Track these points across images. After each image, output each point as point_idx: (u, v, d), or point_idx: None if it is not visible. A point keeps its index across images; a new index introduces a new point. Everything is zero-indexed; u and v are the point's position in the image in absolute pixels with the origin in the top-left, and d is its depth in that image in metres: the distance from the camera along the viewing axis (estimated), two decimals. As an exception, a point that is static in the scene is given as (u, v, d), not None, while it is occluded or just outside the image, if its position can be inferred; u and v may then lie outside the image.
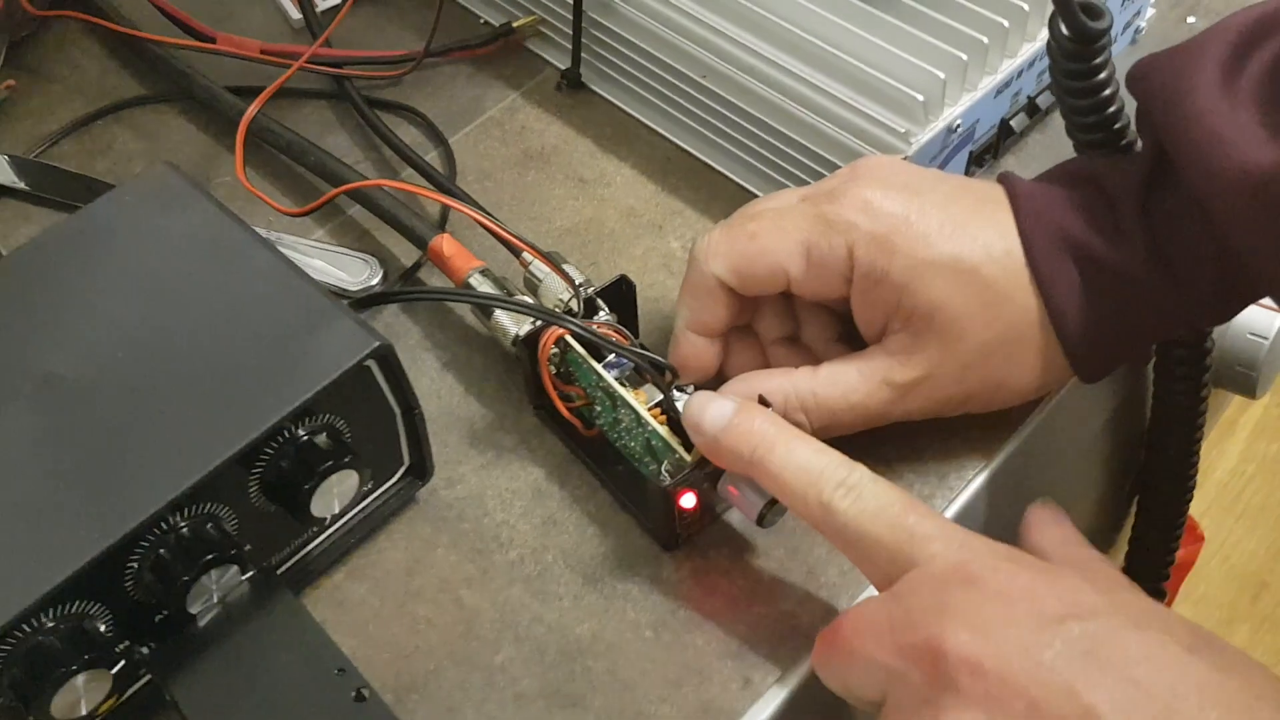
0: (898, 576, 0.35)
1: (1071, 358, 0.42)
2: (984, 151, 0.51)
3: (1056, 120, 0.53)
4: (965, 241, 0.40)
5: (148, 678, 0.38)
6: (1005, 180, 0.43)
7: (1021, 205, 0.41)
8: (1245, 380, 0.55)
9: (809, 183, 0.49)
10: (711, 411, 0.39)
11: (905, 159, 0.46)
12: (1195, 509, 0.58)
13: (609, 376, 0.43)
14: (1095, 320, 0.41)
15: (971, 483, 0.44)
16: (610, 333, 0.44)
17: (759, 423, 0.38)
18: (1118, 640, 0.32)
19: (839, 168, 0.46)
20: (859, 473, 0.37)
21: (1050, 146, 0.54)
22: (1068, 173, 0.43)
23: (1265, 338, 0.54)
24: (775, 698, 0.39)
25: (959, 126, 0.48)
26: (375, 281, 0.51)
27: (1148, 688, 0.30)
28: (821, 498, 0.36)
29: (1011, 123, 0.52)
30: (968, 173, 0.51)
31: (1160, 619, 0.33)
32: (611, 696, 0.39)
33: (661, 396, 0.43)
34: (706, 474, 0.41)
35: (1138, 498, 0.59)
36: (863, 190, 0.41)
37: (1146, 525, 0.59)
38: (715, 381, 0.44)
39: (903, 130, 0.46)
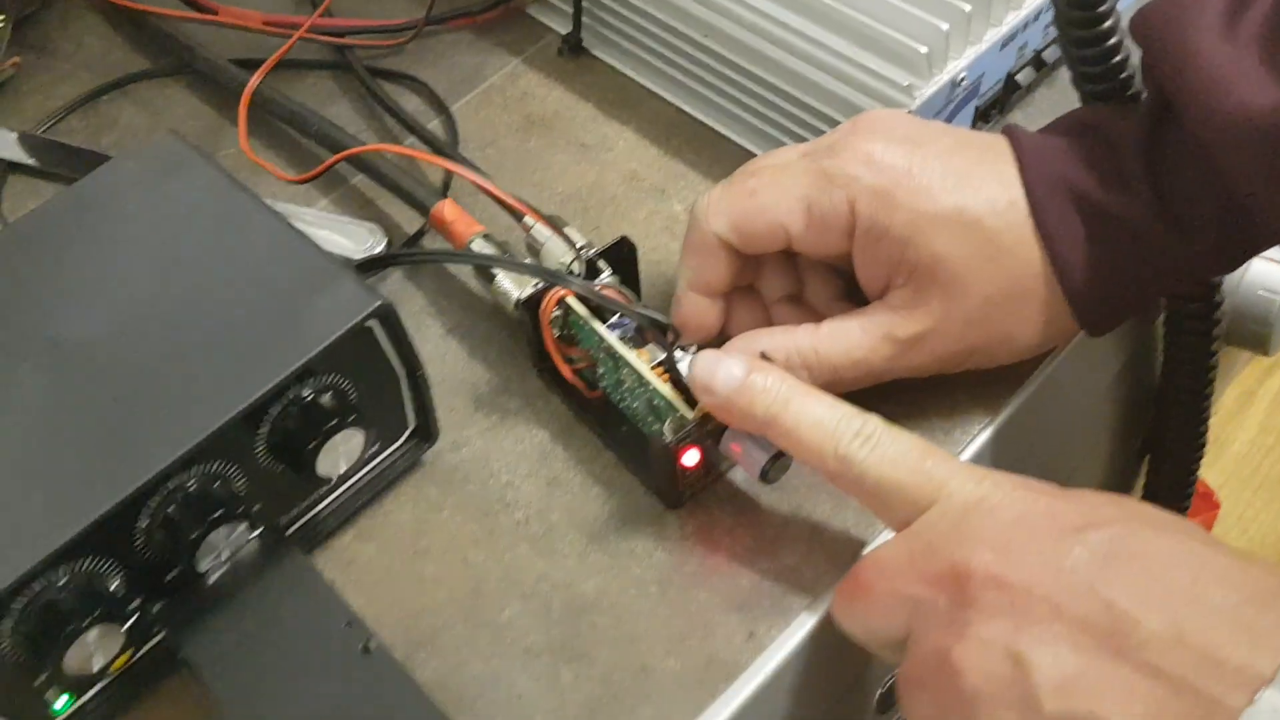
0: (914, 518, 0.35)
1: (1076, 310, 0.41)
2: (990, 107, 0.51)
3: (1064, 76, 0.53)
4: (968, 194, 0.40)
5: (160, 637, 0.38)
6: (1009, 132, 0.42)
7: (1025, 156, 0.41)
8: (1258, 337, 0.55)
9: (811, 140, 0.49)
10: (722, 372, 0.39)
11: (909, 113, 0.46)
12: (1213, 480, 0.58)
13: (611, 337, 0.43)
14: (1099, 271, 0.41)
15: (976, 439, 0.44)
16: (612, 293, 0.44)
17: (771, 381, 0.38)
18: (1137, 542, 0.32)
19: (841, 123, 0.45)
20: (873, 422, 0.37)
21: (1057, 103, 0.53)
22: (1072, 123, 0.43)
23: (1277, 293, 0.54)
24: (779, 650, 0.39)
25: (963, 80, 0.47)
26: (379, 249, 0.51)
27: (1169, 580, 0.31)
28: (839, 450, 0.36)
29: (1017, 77, 0.51)
30: (974, 128, 0.51)
31: (1180, 523, 0.33)
32: (617, 650, 0.39)
33: (664, 356, 0.43)
34: (709, 431, 0.41)
35: (1148, 458, 0.58)
36: (863, 143, 0.41)
37: (1157, 486, 0.59)
38: (717, 341, 0.44)
39: (905, 84, 0.46)
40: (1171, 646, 0.30)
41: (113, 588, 0.36)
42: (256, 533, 0.38)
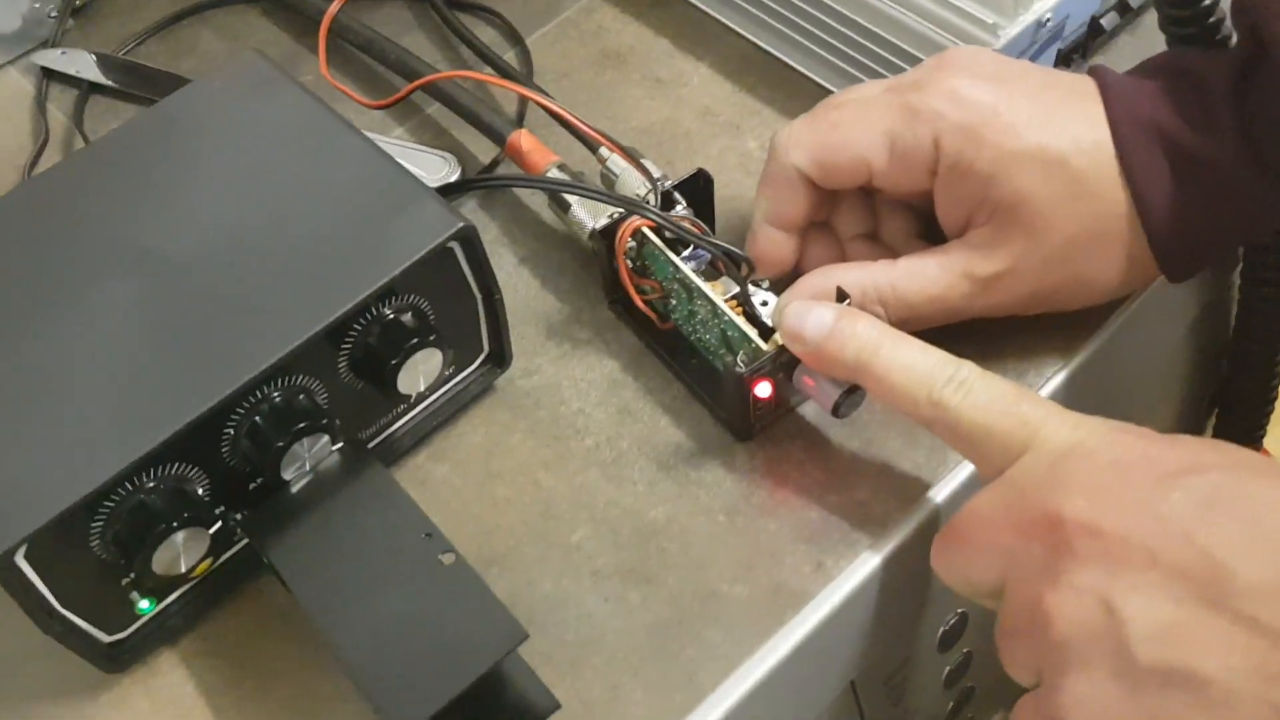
0: (1010, 464, 0.35)
1: (1158, 253, 0.41)
2: (1072, 50, 0.50)
3: (1148, 21, 0.52)
4: (1054, 132, 0.40)
5: (239, 546, 0.40)
6: (1095, 72, 0.42)
7: (1112, 96, 0.41)
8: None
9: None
10: (812, 319, 0.38)
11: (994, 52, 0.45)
12: (1274, 449, 0.58)
13: (686, 268, 0.43)
14: (1184, 215, 0.40)
15: (1049, 382, 0.44)
16: (688, 225, 0.44)
17: (861, 327, 0.38)
18: (1237, 489, 0.31)
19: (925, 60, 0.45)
20: (967, 368, 0.37)
21: (1140, 49, 0.52)
22: (1160, 65, 0.42)
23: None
24: (847, 582, 0.39)
25: (1049, 21, 0.47)
26: (454, 179, 0.51)
27: (1270, 529, 0.30)
28: (932, 395, 0.36)
29: (1102, 21, 0.50)
30: (1054, 71, 0.50)
31: None
32: (685, 575, 0.40)
33: (737, 290, 0.43)
34: (782, 364, 0.41)
35: (1216, 410, 0.58)
36: (950, 80, 0.41)
37: (1225, 438, 0.58)
38: (790, 277, 0.44)
39: (990, 22, 0.45)
40: (1271, 598, 0.29)
41: (200, 492, 0.37)
42: (338, 446, 0.39)
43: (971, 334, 0.43)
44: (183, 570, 0.36)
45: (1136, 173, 0.40)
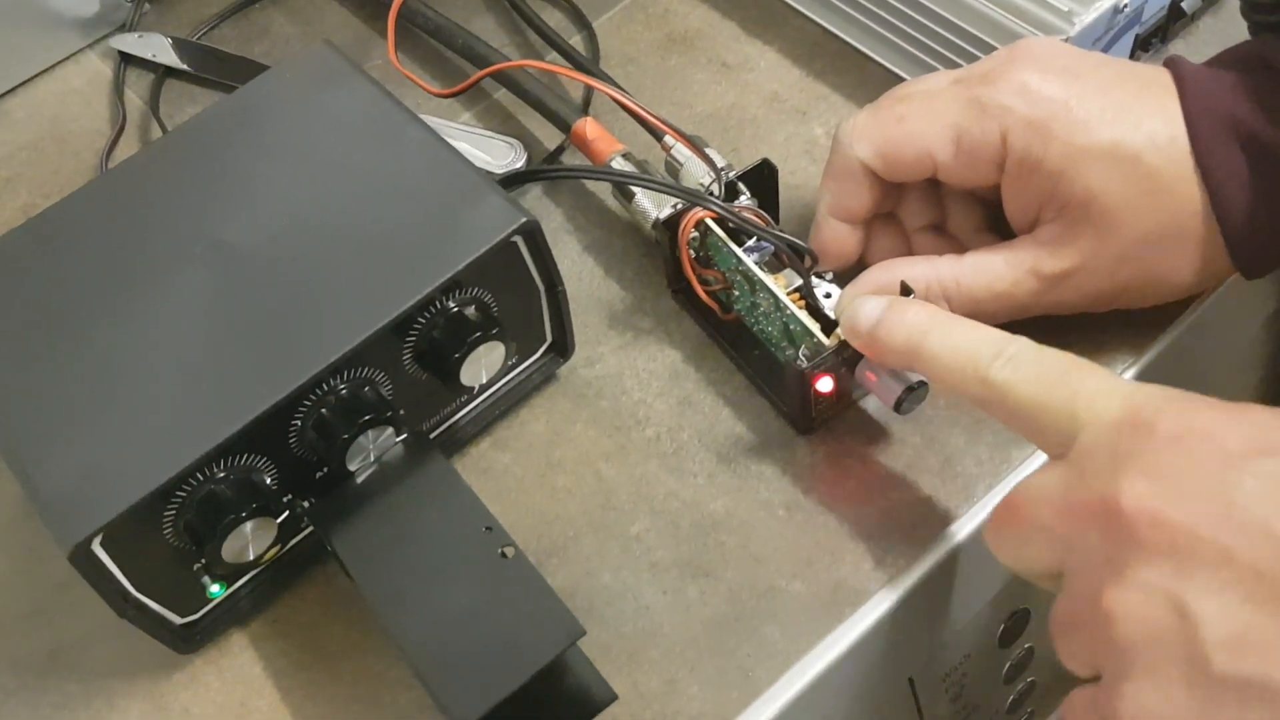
0: (1071, 442, 0.33)
1: (1233, 251, 0.40)
2: (1151, 35, 0.49)
3: (1231, 3, 0.51)
4: (1127, 128, 0.39)
5: (307, 532, 0.41)
6: (1172, 64, 0.41)
7: (1189, 90, 0.39)
8: None
9: (963, 66, 0.47)
10: (864, 310, 0.38)
11: (1066, 40, 0.44)
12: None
13: (749, 260, 0.43)
14: (1261, 212, 0.39)
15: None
16: (751, 216, 0.44)
17: (912, 313, 0.37)
18: None
19: (996, 50, 0.44)
20: (1019, 343, 0.35)
21: (1223, 32, 0.51)
22: (1240, 56, 0.41)
23: None
24: (907, 580, 0.39)
25: (1126, 6, 0.45)
26: (519, 165, 0.52)
27: None
28: (979, 372, 0.35)
29: (1183, 4, 0.49)
30: (1133, 57, 0.49)
31: None
32: (744, 570, 0.40)
33: (800, 282, 0.43)
34: (844, 359, 0.41)
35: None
36: (1020, 73, 0.40)
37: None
38: (856, 269, 0.43)
39: (1065, 9, 0.44)
40: None
41: (268, 482, 0.38)
42: (402, 437, 0.40)
43: (1039, 328, 0.42)
44: (251, 558, 0.37)
45: (1213, 170, 0.39)
